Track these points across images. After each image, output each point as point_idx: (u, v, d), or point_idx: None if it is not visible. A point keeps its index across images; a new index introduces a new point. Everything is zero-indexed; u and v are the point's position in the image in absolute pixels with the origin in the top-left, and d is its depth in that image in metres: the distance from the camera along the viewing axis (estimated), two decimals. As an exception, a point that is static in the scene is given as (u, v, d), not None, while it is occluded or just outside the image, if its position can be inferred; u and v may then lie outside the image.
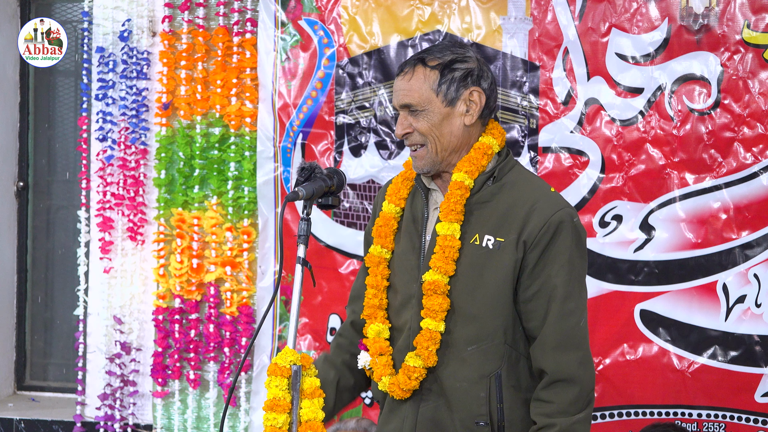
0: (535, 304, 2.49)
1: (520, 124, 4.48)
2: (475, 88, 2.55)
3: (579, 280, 2.53)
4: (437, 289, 2.50)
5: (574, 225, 2.52)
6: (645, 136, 4.36)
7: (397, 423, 2.59)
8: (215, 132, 4.88)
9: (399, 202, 2.65)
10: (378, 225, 2.65)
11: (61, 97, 5.59)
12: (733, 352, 4.29)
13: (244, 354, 3.63)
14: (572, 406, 2.46)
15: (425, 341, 2.51)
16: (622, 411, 4.37)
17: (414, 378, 2.52)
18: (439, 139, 2.54)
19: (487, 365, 2.51)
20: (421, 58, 2.55)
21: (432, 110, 2.53)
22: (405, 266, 2.60)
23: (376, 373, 2.59)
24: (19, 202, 5.58)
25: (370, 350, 2.60)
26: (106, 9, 5.02)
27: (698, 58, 4.30)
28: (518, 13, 4.46)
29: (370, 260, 2.64)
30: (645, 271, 4.35)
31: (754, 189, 4.27)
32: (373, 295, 2.62)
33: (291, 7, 4.71)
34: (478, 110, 2.56)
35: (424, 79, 2.53)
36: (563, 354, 2.47)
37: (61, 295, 5.57)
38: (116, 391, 5.02)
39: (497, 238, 2.51)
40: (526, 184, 2.57)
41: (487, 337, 2.50)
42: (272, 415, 2.36)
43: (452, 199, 2.52)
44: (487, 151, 2.56)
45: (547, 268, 2.48)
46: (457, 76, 2.53)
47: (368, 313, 2.63)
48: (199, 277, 4.91)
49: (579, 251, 2.52)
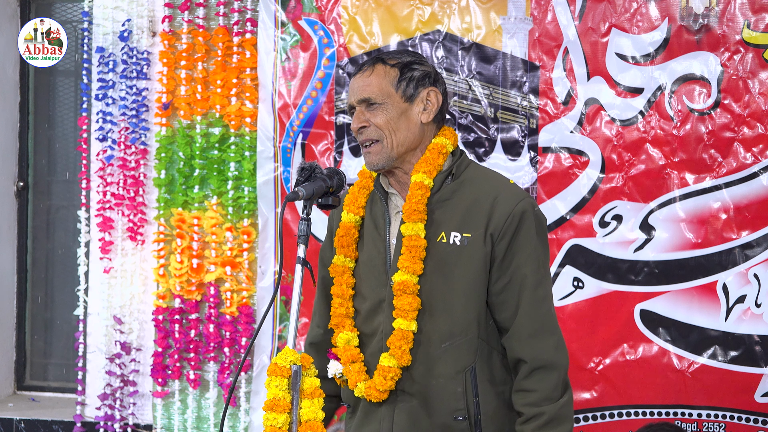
0: (506, 295, 2.53)
1: (520, 124, 4.48)
2: (433, 89, 2.59)
3: (545, 267, 2.57)
4: (407, 289, 2.52)
5: (535, 213, 2.56)
6: (645, 136, 4.36)
7: (373, 426, 2.60)
8: (215, 132, 4.88)
9: (357, 210, 2.67)
10: (339, 235, 2.66)
11: (61, 97, 5.59)
12: (733, 352, 4.29)
13: (244, 354, 3.63)
14: (555, 392, 2.49)
15: (398, 341, 2.53)
16: (622, 411, 4.37)
17: (389, 378, 2.53)
18: (395, 133, 2.56)
19: (462, 360, 2.53)
20: (380, 58, 2.60)
21: (390, 104, 2.56)
22: (372, 272, 2.62)
23: (350, 380, 2.60)
24: (19, 202, 5.58)
25: (342, 359, 2.61)
26: (106, 9, 5.01)
27: (698, 58, 4.30)
28: (518, 13, 4.47)
29: (334, 270, 2.65)
30: (645, 271, 4.35)
31: (754, 189, 4.27)
32: (339, 304, 2.64)
33: (291, 7, 4.71)
34: (434, 110, 2.59)
35: (384, 74, 2.57)
36: (540, 340, 2.51)
37: (61, 295, 5.57)
38: (116, 391, 5.02)
39: (464, 234, 2.54)
40: (485, 179, 2.60)
41: (461, 333, 2.53)
42: (272, 415, 2.36)
43: (414, 200, 2.55)
44: (442, 150, 2.59)
45: (515, 258, 2.52)
46: (416, 75, 2.58)
47: (336, 322, 2.64)
48: (199, 277, 4.91)
49: (541, 238, 2.57)
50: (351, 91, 2.60)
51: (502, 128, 4.49)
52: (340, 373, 2.63)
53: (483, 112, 4.51)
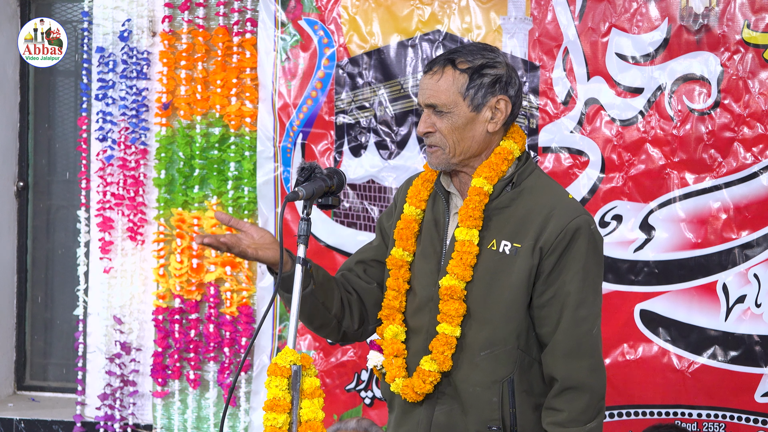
0: (548, 310, 2.49)
1: (519, 124, 4.48)
2: (503, 97, 2.53)
3: (593, 288, 2.53)
4: (454, 294, 2.50)
5: (591, 232, 2.51)
6: (645, 136, 4.36)
7: (411, 426, 2.59)
8: (215, 132, 4.88)
9: (419, 204, 2.64)
10: (399, 228, 2.63)
11: (61, 97, 5.59)
12: (733, 352, 4.29)
13: (244, 354, 3.63)
14: (583, 415, 2.46)
15: (441, 346, 2.51)
16: (622, 411, 4.37)
17: (429, 382, 2.52)
18: (459, 143, 2.52)
19: (500, 370, 2.50)
20: (451, 59, 2.53)
21: (457, 113, 2.51)
22: (424, 270, 2.60)
23: (389, 374, 2.59)
24: (19, 202, 5.58)
25: (385, 351, 2.60)
26: (106, 9, 5.01)
27: (698, 58, 4.30)
28: (518, 13, 4.47)
29: (391, 262, 2.62)
30: (645, 271, 4.35)
31: (754, 189, 4.27)
32: (393, 297, 2.61)
33: (291, 7, 4.71)
34: (502, 119, 2.54)
35: (452, 81, 2.51)
36: (574, 361, 2.47)
37: (61, 295, 5.57)
38: (116, 391, 5.02)
39: (514, 244, 2.50)
40: (544, 190, 2.56)
41: (500, 342, 2.50)
42: (272, 415, 2.36)
43: (471, 205, 2.51)
44: (508, 157, 2.54)
45: (562, 275, 2.48)
46: (485, 81, 2.51)
47: (386, 314, 2.62)
48: (199, 277, 4.91)
49: (595, 258, 2.52)
50: (420, 90, 2.55)
51: (502, 128, 4.49)
52: (380, 365, 2.62)
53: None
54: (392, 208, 2.74)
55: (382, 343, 2.62)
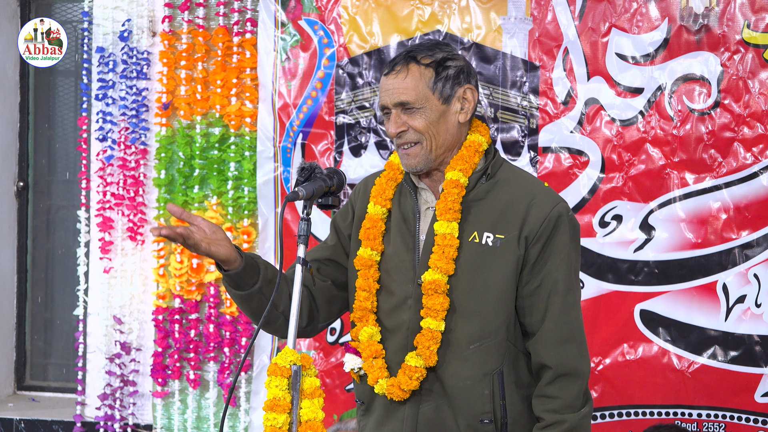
0: (535, 299, 2.50)
1: (520, 124, 4.48)
2: (468, 86, 2.55)
3: (576, 274, 2.56)
4: (437, 289, 2.49)
5: (570, 219, 2.54)
6: (645, 136, 4.36)
7: (395, 424, 2.57)
8: (215, 132, 4.88)
9: (385, 203, 2.63)
10: (366, 227, 2.62)
11: (61, 97, 5.59)
12: (733, 352, 4.29)
13: (244, 354, 3.63)
14: (577, 401, 2.48)
15: (426, 341, 2.50)
16: (622, 411, 4.37)
17: (415, 378, 2.51)
18: (436, 137, 2.53)
19: (490, 362, 2.51)
20: (412, 56, 2.53)
21: (429, 108, 2.52)
22: (399, 267, 2.59)
23: (371, 376, 2.57)
24: (19, 202, 5.58)
25: (363, 353, 2.58)
26: (106, 9, 5.01)
27: (698, 58, 4.30)
28: (518, 13, 4.47)
29: (360, 263, 2.61)
30: (645, 271, 4.35)
31: (754, 189, 4.27)
32: (364, 297, 2.60)
33: (291, 7, 4.71)
34: (471, 108, 2.56)
35: (419, 76, 2.51)
36: (566, 347, 2.49)
37: (61, 295, 5.57)
38: (116, 391, 5.02)
39: (497, 235, 2.51)
40: (520, 181, 2.58)
41: (489, 335, 2.50)
42: (272, 415, 2.36)
43: (449, 198, 2.52)
44: (478, 149, 2.56)
45: (548, 263, 2.50)
46: (450, 73, 2.53)
47: (359, 315, 2.60)
48: (199, 277, 4.91)
49: (574, 245, 2.55)
50: (384, 92, 2.54)
51: (502, 128, 4.50)
52: (358, 368, 2.61)
53: (483, 112, 4.51)
54: (347, 208, 2.72)
55: (358, 345, 2.60)
